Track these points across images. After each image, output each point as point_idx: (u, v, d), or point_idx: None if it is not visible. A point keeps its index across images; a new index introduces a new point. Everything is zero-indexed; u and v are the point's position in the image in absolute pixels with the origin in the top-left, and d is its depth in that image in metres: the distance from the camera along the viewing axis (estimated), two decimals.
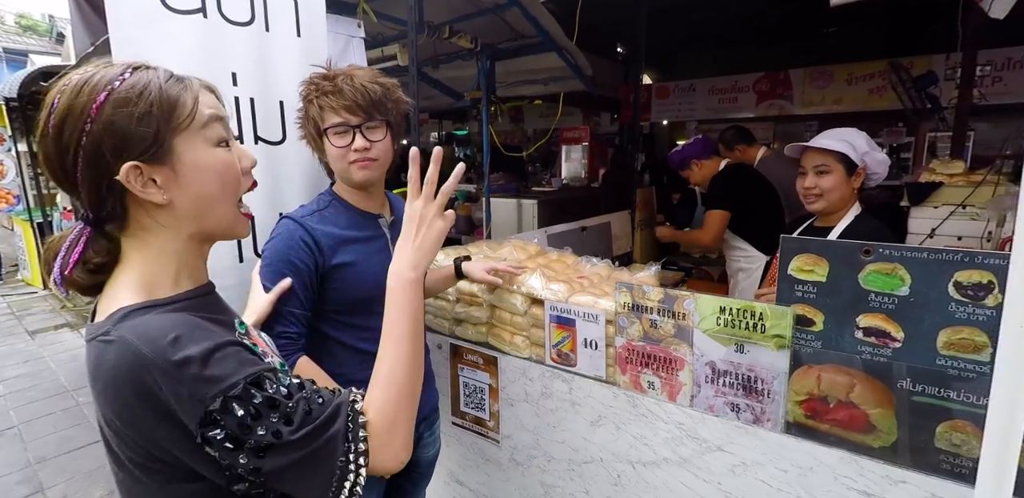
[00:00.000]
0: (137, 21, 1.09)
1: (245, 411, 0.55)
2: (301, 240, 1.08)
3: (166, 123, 0.59)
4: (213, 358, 0.55)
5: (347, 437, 0.61)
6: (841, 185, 1.57)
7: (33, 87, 4.69)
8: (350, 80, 1.07)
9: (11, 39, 12.14)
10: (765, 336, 1.16)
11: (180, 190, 0.62)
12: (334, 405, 0.62)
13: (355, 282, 1.13)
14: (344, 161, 1.11)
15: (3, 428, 3.04)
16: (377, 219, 1.21)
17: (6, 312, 5.20)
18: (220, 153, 0.64)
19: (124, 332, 0.55)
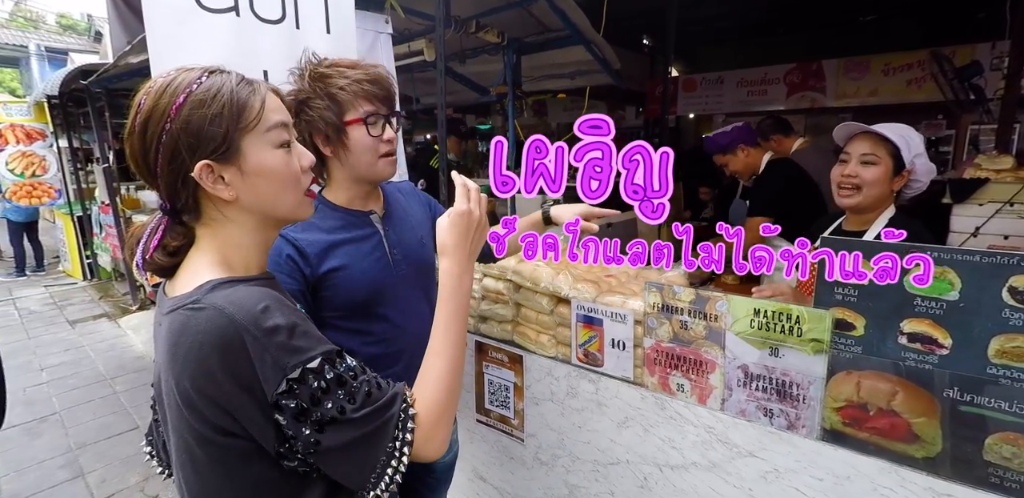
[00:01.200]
0: (172, 19, 1.10)
1: (318, 384, 0.60)
2: (287, 255, 1.01)
3: (235, 124, 0.65)
4: (297, 331, 0.61)
5: (398, 425, 0.66)
6: (883, 181, 1.45)
7: (73, 85, 4.84)
8: (375, 69, 1.03)
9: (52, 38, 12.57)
10: (802, 340, 1.12)
11: (245, 187, 0.67)
12: (391, 393, 0.67)
13: (348, 286, 1.06)
14: (374, 154, 1.04)
15: (46, 414, 3.17)
16: (369, 216, 1.14)
17: (48, 302, 5.42)
18: (280, 154, 0.69)
19: (216, 300, 0.60)
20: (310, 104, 1.00)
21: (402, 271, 1.14)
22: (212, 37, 1.15)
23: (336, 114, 1.00)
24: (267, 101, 0.68)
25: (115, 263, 5.63)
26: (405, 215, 1.21)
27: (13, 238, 6.17)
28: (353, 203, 1.13)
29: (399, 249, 1.14)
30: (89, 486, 2.49)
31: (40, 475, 2.57)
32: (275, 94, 0.72)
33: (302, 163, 0.72)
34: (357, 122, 1.01)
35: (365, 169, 1.06)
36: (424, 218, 1.27)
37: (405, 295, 1.14)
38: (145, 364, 3.85)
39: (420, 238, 1.21)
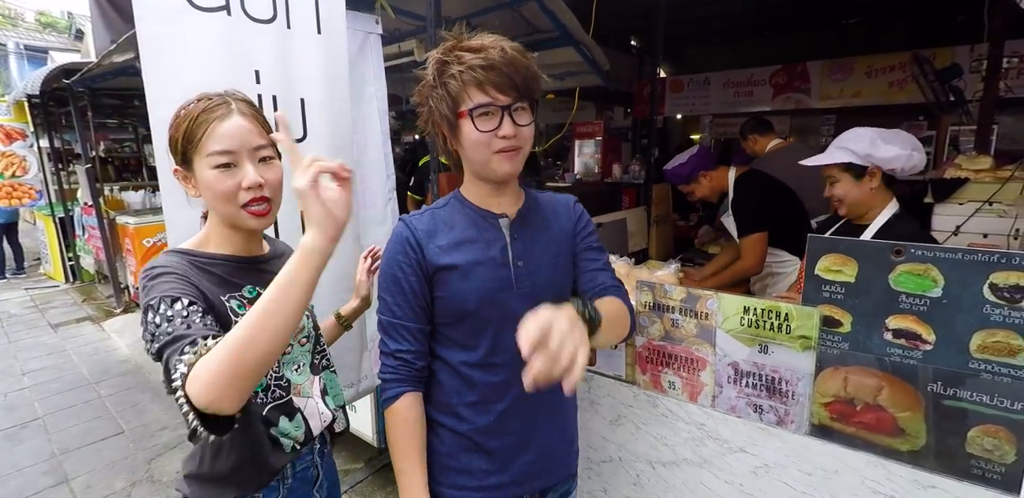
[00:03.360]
0: (163, 18, 1.09)
1: (147, 317, 0.76)
2: (405, 240, 0.95)
3: (187, 146, 0.85)
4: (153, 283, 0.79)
5: (172, 362, 0.70)
6: (851, 190, 1.55)
7: (55, 84, 4.75)
8: (502, 52, 0.86)
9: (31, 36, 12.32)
10: (790, 337, 1.15)
11: (196, 189, 0.89)
12: (180, 334, 0.72)
13: (460, 289, 0.94)
14: (487, 150, 0.90)
15: (28, 420, 3.11)
16: (498, 218, 0.99)
17: (29, 305, 5.31)
18: (214, 174, 0.84)
19: (155, 259, 0.85)
20: (430, 94, 0.91)
21: (524, 288, 0.97)
22: (203, 36, 1.14)
23: (450, 106, 0.88)
24: (215, 129, 0.83)
25: (98, 265, 5.53)
26: (545, 226, 1.04)
27: None
28: (485, 202, 1.00)
29: (525, 262, 0.98)
30: (74, 492, 2.45)
31: (23, 482, 2.52)
32: (245, 117, 0.86)
33: (242, 183, 0.85)
34: (465, 115, 0.89)
35: (479, 167, 0.94)
36: (568, 235, 1.07)
37: (523, 317, 0.94)
38: (130, 368, 3.79)
39: (555, 255, 1.03)
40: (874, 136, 1.51)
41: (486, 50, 0.86)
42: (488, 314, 0.95)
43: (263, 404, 0.92)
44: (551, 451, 1.03)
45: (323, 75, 1.40)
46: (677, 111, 6.66)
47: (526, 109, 0.91)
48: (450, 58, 0.87)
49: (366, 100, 1.74)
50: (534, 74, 0.89)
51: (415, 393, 0.96)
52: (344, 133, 1.50)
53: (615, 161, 6.02)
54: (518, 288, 0.96)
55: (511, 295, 0.95)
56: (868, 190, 1.53)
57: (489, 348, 0.96)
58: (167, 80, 1.11)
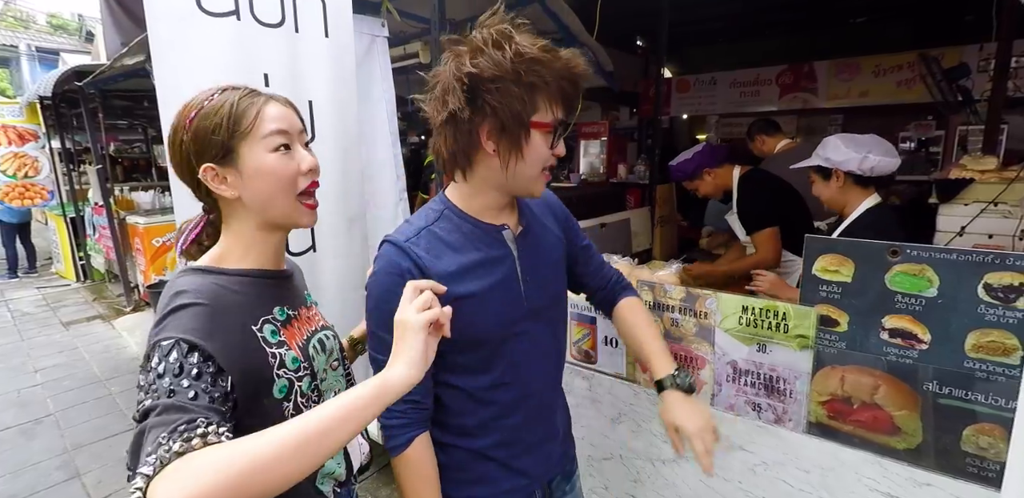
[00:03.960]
0: (174, 24, 1.12)
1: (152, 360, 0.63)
2: (406, 271, 0.83)
3: (232, 132, 0.73)
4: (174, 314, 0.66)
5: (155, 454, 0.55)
6: (823, 190, 1.74)
7: (67, 86, 4.82)
8: (577, 65, 0.80)
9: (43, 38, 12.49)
10: (788, 336, 1.16)
11: (244, 187, 0.75)
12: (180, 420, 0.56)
13: (476, 318, 0.86)
14: (540, 167, 0.84)
15: (42, 416, 3.16)
16: (501, 231, 0.91)
17: (41, 304, 5.39)
18: (275, 157, 0.75)
19: (175, 279, 0.73)
20: (501, 87, 0.76)
21: (533, 303, 0.92)
22: (213, 41, 1.17)
23: (528, 111, 0.78)
24: (265, 111, 0.75)
25: (109, 264, 5.61)
26: (543, 233, 0.98)
27: (5, 240, 6.13)
28: (485, 213, 0.90)
29: (532, 276, 0.92)
30: (86, 487, 2.49)
31: (36, 476, 2.57)
32: (283, 104, 0.78)
33: (301, 166, 0.77)
34: (546, 128, 0.80)
35: (524, 181, 0.85)
36: (557, 234, 1.03)
37: (533, 331, 0.93)
38: (139, 365, 3.85)
39: (555, 261, 0.99)
40: (836, 142, 1.67)
41: (564, 59, 0.79)
42: (502, 337, 0.90)
43: None
44: (556, 444, 1.04)
45: (330, 77, 1.43)
46: (683, 111, 6.65)
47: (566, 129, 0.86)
48: (543, 57, 0.77)
49: (374, 101, 1.77)
50: (580, 99, 0.85)
51: (424, 434, 0.88)
52: (351, 134, 1.53)
53: (621, 161, 6.02)
54: (528, 305, 0.92)
55: (522, 315, 0.91)
56: (836, 189, 1.69)
57: (502, 369, 0.91)
58: (178, 83, 1.14)
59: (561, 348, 1.05)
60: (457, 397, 0.92)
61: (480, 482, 0.95)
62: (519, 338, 0.92)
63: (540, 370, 0.97)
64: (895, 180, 2.32)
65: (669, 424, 0.94)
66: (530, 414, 0.96)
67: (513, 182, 0.85)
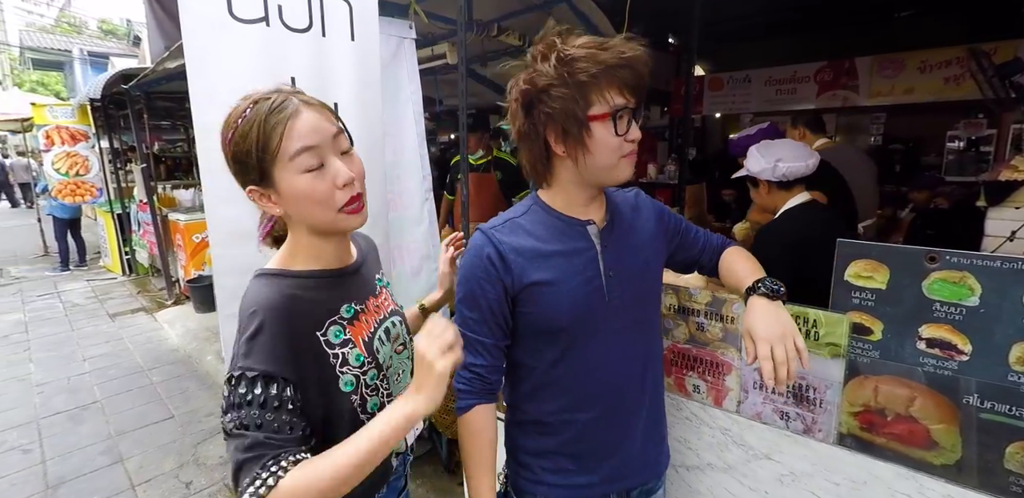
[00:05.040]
0: (207, 31, 1.16)
1: (238, 392, 0.71)
2: (487, 257, 0.89)
3: (262, 156, 0.73)
4: (258, 339, 0.73)
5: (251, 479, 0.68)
6: (755, 197, 1.88)
7: (114, 88, 5.05)
8: (630, 50, 0.80)
9: (94, 43, 13.16)
10: (818, 344, 1.12)
11: (287, 206, 0.78)
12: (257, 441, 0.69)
13: (551, 306, 0.89)
14: (617, 155, 0.84)
15: (88, 402, 3.33)
16: (586, 226, 0.93)
17: (90, 296, 5.67)
18: (307, 179, 0.74)
19: (251, 286, 0.80)
20: (551, 93, 0.80)
21: (616, 299, 0.92)
22: (244, 47, 1.21)
23: (582, 107, 0.81)
24: (292, 129, 0.73)
25: (152, 259, 5.85)
26: (631, 230, 0.98)
27: (58, 234, 6.48)
28: (571, 209, 0.93)
29: (616, 271, 0.93)
30: (128, 471, 2.61)
31: (83, 459, 2.71)
32: (314, 110, 0.76)
33: (336, 182, 0.76)
34: (604, 118, 0.81)
35: (602, 172, 0.87)
36: (655, 235, 1.02)
37: (614, 328, 0.94)
38: (179, 357, 4.01)
39: (645, 260, 0.98)
40: (753, 152, 1.77)
41: (614, 49, 0.80)
42: (579, 329, 0.91)
43: None
44: (639, 453, 1.02)
45: (356, 79, 1.46)
46: (716, 110, 6.50)
47: (642, 111, 0.87)
48: (583, 53, 0.79)
49: (401, 103, 1.79)
50: (648, 77, 0.84)
51: (486, 405, 0.95)
52: (376, 135, 1.56)
53: (650, 161, 5.93)
54: (610, 301, 0.91)
55: (602, 309, 0.91)
56: (764, 195, 1.81)
57: (578, 362, 0.93)
58: (211, 87, 1.18)
59: (652, 353, 1.02)
60: (533, 380, 0.97)
61: (551, 470, 0.98)
62: (599, 334, 0.93)
63: (622, 372, 0.97)
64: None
65: (744, 331, 0.88)
66: (607, 413, 0.96)
67: (590, 175, 0.88)
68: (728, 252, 1.12)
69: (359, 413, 0.85)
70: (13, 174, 12.11)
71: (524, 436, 1.00)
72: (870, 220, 2.91)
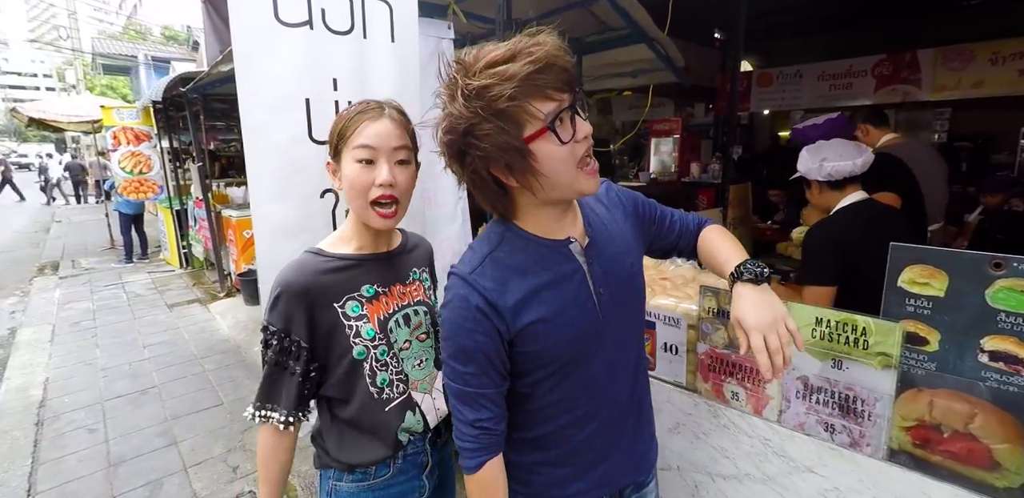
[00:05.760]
0: (255, 35, 1.21)
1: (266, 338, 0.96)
2: (476, 308, 0.80)
3: (340, 137, 0.94)
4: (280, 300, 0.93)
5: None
6: (809, 198, 1.85)
7: (174, 91, 5.35)
8: (540, 47, 0.70)
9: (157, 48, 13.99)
10: (868, 353, 1.06)
11: (342, 183, 0.95)
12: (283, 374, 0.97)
13: (551, 341, 0.83)
14: (572, 164, 0.75)
15: (147, 387, 3.54)
16: (568, 246, 0.85)
17: (151, 287, 6.02)
18: (356, 167, 0.92)
19: (291, 261, 0.97)
20: (475, 133, 0.72)
21: (610, 314, 0.87)
22: (288, 49, 1.25)
23: (514, 134, 0.72)
24: (365, 126, 0.92)
25: (207, 253, 6.16)
26: (610, 236, 0.91)
27: (123, 229, 6.92)
28: (548, 229, 0.85)
29: (606, 286, 0.87)
30: (181, 453, 2.76)
31: (141, 441, 2.88)
32: (392, 122, 0.94)
33: (376, 179, 0.92)
34: (542, 133, 0.72)
35: (565, 189, 0.78)
36: (635, 234, 0.97)
37: (612, 343, 0.90)
38: (230, 347, 4.20)
39: (630, 264, 0.93)
40: (803, 154, 1.75)
41: (524, 52, 0.70)
42: (582, 353, 0.86)
43: (388, 400, 1.00)
44: (632, 453, 1.00)
45: (395, 79, 1.48)
46: (764, 106, 6.27)
47: (582, 99, 0.76)
48: (490, 80, 0.69)
49: None
50: (575, 64, 0.80)
51: (496, 458, 0.87)
52: None
53: (694, 159, 5.78)
54: (605, 318, 0.87)
55: (600, 328, 0.87)
56: (817, 195, 1.79)
57: (578, 385, 0.88)
58: (258, 89, 1.23)
59: (641, 353, 1.00)
60: (529, 405, 0.90)
61: (549, 484, 0.95)
62: (597, 353, 0.88)
63: (618, 382, 0.93)
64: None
65: (734, 320, 0.84)
66: (604, 424, 0.93)
67: (555, 193, 0.79)
68: (705, 232, 1.05)
69: (369, 385, 0.99)
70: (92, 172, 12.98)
71: (518, 453, 0.93)
72: (938, 224, 2.71)
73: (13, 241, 9.18)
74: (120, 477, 2.56)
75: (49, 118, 7.46)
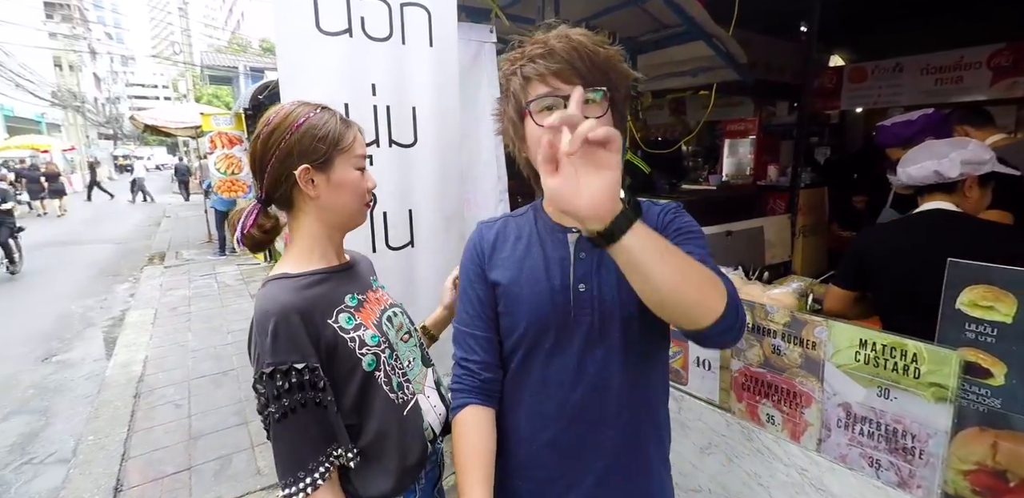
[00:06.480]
0: (297, 44, 1.28)
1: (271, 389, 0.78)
2: (474, 246, 0.92)
3: (335, 146, 0.88)
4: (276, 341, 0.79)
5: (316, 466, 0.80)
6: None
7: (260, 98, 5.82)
8: (566, 39, 0.75)
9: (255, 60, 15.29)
10: (919, 383, 0.93)
11: (327, 191, 0.89)
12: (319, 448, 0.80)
13: (511, 307, 0.85)
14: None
15: (228, 369, 3.87)
16: (566, 233, 0.86)
17: (239, 278, 6.59)
18: (357, 175, 0.91)
19: (260, 294, 0.86)
20: (507, 86, 0.82)
21: (583, 317, 0.82)
22: (329, 57, 1.32)
23: (515, 107, 0.80)
24: (358, 137, 0.91)
25: None
26: None
27: (218, 224, 7.64)
28: (560, 215, 0.88)
29: (588, 286, 0.82)
30: (251, 433, 2.98)
31: (218, 418, 3.15)
32: (360, 134, 0.94)
33: (368, 185, 0.94)
34: (532, 105, 0.77)
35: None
36: None
37: (577, 348, 0.83)
38: None
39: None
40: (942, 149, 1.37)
41: (539, 42, 0.77)
42: (534, 339, 0.84)
43: (404, 404, 0.92)
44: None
45: (433, 84, 1.51)
46: (857, 104, 5.73)
47: (596, 101, 0.75)
48: (514, 56, 0.79)
49: (480, 105, 1.83)
50: (607, 61, 0.76)
51: (478, 406, 0.87)
52: (452, 138, 1.60)
53: (772, 162, 5.41)
54: (576, 317, 0.82)
55: (563, 324, 0.82)
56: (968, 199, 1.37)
57: (536, 378, 0.85)
58: (301, 96, 1.29)
59: (636, 385, 0.84)
60: (506, 390, 0.91)
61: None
62: (557, 351, 0.83)
63: (588, 401, 0.83)
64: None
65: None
66: (563, 444, 0.85)
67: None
68: None
69: (388, 392, 0.89)
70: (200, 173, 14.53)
71: (500, 450, 0.89)
72: None
73: (130, 233, 10.40)
74: (198, 449, 2.81)
75: (160, 124, 8.38)
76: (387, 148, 1.48)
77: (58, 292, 6.06)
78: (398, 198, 1.54)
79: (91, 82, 31.23)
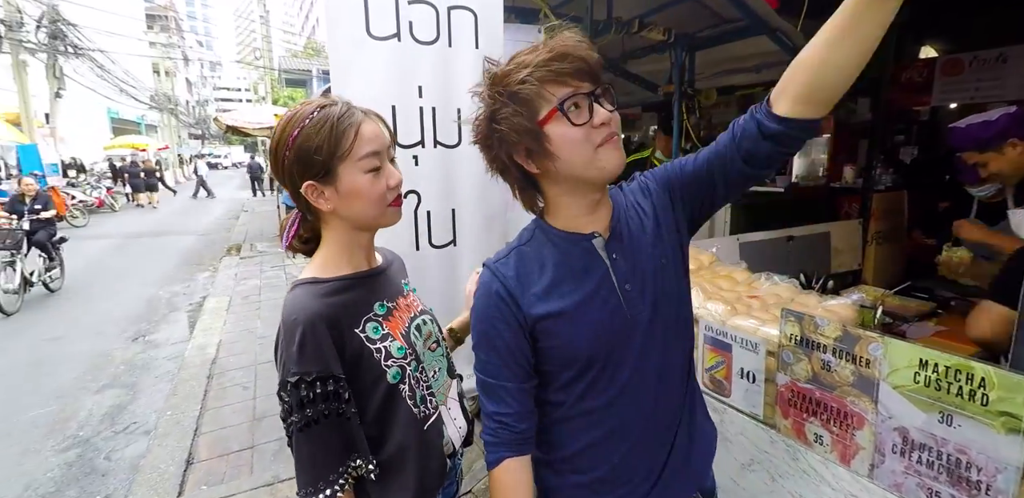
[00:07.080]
0: (348, 48, 1.34)
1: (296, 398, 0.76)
2: (496, 293, 0.84)
3: (333, 155, 0.80)
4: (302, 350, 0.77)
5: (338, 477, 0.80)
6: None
7: None
8: (561, 42, 0.76)
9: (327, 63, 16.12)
10: (987, 411, 0.84)
11: (339, 202, 0.83)
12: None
13: (569, 338, 0.83)
14: (588, 146, 0.76)
15: None
16: (591, 241, 0.84)
17: (294, 270, 6.98)
18: (368, 178, 0.82)
19: (288, 298, 0.83)
20: (497, 117, 0.77)
21: (638, 312, 0.84)
22: (378, 61, 1.37)
23: (528, 117, 0.76)
24: (362, 132, 0.81)
25: None
26: (639, 229, 0.88)
27: None
28: (573, 223, 0.85)
29: (633, 283, 0.84)
30: None
31: (275, 403, 3.36)
32: (375, 121, 0.84)
33: (389, 182, 0.85)
34: (553, 114, 0.75)
35: (583, 171, 0.78)
36: (659, 221, 0.89)
37: (646, 344, 0.85)
38: None
39: (660, 257, 0.87)
40: None
41: (546, 45, 0.76)
42: (603, 356, 0.83)
43: (425, 418, 0.90)
44: (681, 469, 0.91)
45: None
46: (951, 99, 5.20)
47: (609, 92, 0.78)
48: (510, 67, 0.76)
49: None
50: (598, 59, 0.77)
51: (517, 458, 0.85)
52: None
53: (848, 162, 5.04)
54: (632, 317, 0.83)
55: (626, 329, 0.83)
56: None
57: (609, 389, 0.85)
58: (351, 98, 1.35)
59: (687, 356, 0.91)
60: (560, 415, 0.88)
61: None
62: (629, 355, 0.84)
63: (659, 390, 0.87)
64: None
65: None
66: (645, 440, 0.87)
67: (575, 180, 0.80)
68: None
69: (411, 406, 0.87)
70: None
71: (557, 476, 0.91)
72: None
73: (211, 226, 11.26)
74: (260, 430, 3.01)
75: (239, 125, 9.00)
76: (432, 148, 1.51)
77: (148, 279, 6.67)
78: (442, 197, 1.57)
79: (183, 86, 34.14)
